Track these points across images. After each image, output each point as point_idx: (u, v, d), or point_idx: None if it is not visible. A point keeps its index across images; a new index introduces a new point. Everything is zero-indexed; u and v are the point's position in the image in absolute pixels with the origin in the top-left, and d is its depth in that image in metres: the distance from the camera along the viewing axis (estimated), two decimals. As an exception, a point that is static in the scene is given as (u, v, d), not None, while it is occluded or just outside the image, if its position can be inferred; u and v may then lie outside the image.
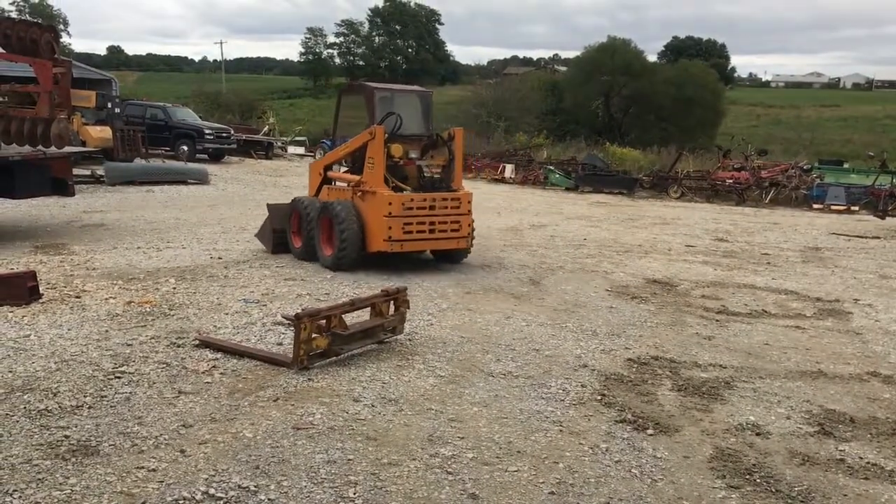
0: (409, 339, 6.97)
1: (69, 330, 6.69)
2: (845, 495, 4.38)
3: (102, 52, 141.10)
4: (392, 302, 6.77)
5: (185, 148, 27.41)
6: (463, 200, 10.33)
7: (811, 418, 5.59)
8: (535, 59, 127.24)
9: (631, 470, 4.56)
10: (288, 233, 10.94)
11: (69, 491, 3.92)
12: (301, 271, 9.80)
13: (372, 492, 4.09)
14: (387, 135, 9.95)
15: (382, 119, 10.11)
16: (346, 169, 11.09)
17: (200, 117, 32.74)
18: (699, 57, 76.46)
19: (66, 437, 4.55)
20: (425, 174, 10.56)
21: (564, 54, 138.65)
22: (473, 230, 10.71)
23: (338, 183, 11.00)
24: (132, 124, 25.51)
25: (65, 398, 5.14)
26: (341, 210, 9.90)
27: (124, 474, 4.12)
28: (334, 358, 6.18)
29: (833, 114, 77.30)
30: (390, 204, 9.71)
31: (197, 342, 6.49)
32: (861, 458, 4.93)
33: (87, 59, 68.74)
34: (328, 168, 11.26)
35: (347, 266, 9.87)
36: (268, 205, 11.46)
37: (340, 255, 9.85)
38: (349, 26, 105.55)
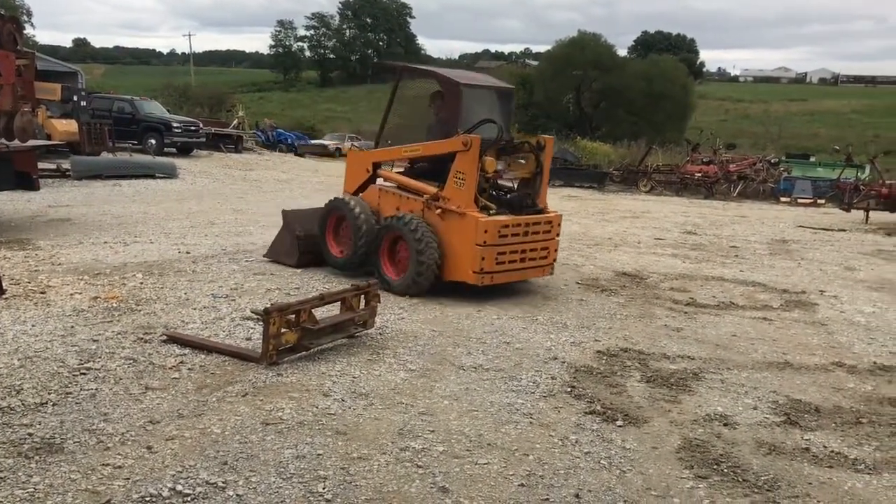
0: (380, 334, 6.95)
1: (33, 326, 6.57)
2: (810, 483, 4.45)
3: (68, 44, 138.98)
4: (363, 296, 6.74)
5: (153, 142, 27.11)
6: (554, 223, 8.94)
7: (777, 408, 5.66)
8: (506, 53, 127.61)
9: (600, 461, 4.59)
10: (323, 239, 9.46)
11: (32, 489, 3.85)
12: (271, 266, 9.71)
13: (341, 486, 4.07)
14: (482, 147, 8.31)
15: (476, 126, 8.38)
16: (399, 170, 9.50)
17: (168, 111, 32.39)
18: (669, 52, 77.07)
19: (30, 434, 4.47)
20: (501, 187, 9.12)
21: (536, 48, 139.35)
22: None
23: (384, 181, 9.43)
24: (99, 118, 25.13)
25: (28, 395, 5.05)
26: (422, 231, 8.36)
27: (89, 472, 4.06)
28: (304, 353, 6.13)
29: (800, 108, 78.42)
30: (486, 232, 8.20)
31: (164, 338, 6.41)
32: (825, 446, 5.00)
33: (53, 51, 67.52)
34: (378, 165, 9.56)
35: (417, 294, 8.46)
36: (284, 211, 10.01)
37: (414, 281, 8.43)
38: (320, 19, 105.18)
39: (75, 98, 24.08)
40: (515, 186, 9.20)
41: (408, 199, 8.91)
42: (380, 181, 9.52)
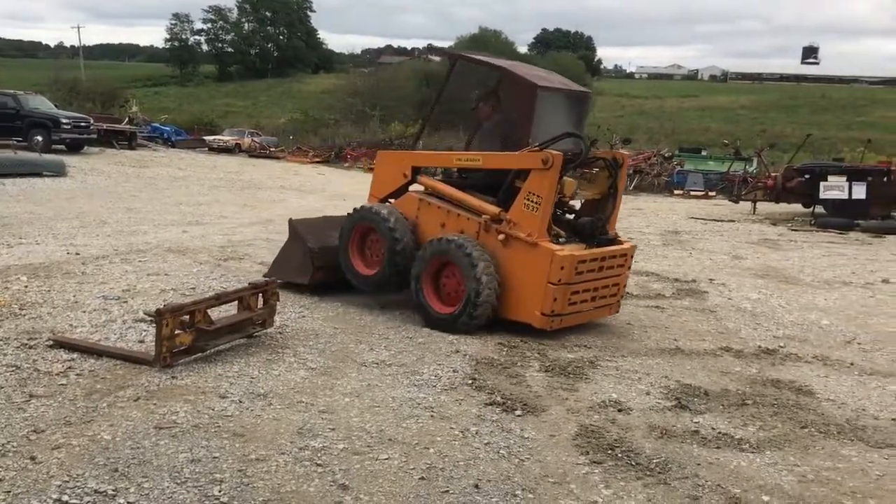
0: (280, 333, 6.84)
1: None
2: (699, 464, 4.63)
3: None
4: (261, 295, 6.62)
5: (40, 138, 25.84)
6: (628, 256, 7.70)
7: (669, 393, 5.87)
8: (409, 48, 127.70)
9: (499, 451, 4.65)
10: (347, 254, 8.08)
11: None
12: (165, 266, 9.42)
13: (238, 489, 3.99)
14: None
15: (556, 140, 6.95)
16: (437, 176, 8.31)
17: (57, 106, 31.03)
18: (567, 49, 78.77)
19: None
20: (563, 205, 7.76)
21: (438, 44, 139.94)
22: None
23: (425, 190, 7.95)
24: (-22, 113, 23.87)
25: None
26: (481, 261, 6.98)
27: (-34, 486, 3.85)
28: (200, 354, 5.97)
29: (692, 104, 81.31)
30: (562, 268, 6.83)
31: (51, 342, 6.13)
32: (714, 428, 5.21)
33: (-73, 42, 63.53)
34: (418, 170, 8.08)
35: (466, 332, 7.14)
36: (291, 221, 8.57)
37: (467, 319, 7.07)
38: (217, 12, 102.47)
39: (-49, 92, 22.79)
40: (579, 204, 7.95)
41: (458, 217, 7.45)
42: (414, 186, 8.18)
